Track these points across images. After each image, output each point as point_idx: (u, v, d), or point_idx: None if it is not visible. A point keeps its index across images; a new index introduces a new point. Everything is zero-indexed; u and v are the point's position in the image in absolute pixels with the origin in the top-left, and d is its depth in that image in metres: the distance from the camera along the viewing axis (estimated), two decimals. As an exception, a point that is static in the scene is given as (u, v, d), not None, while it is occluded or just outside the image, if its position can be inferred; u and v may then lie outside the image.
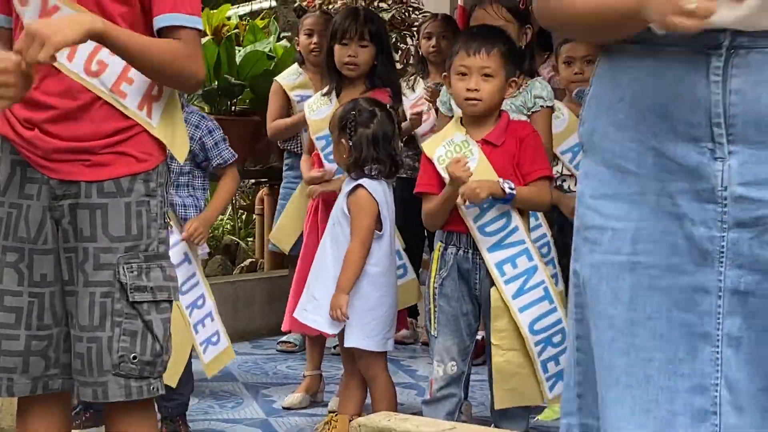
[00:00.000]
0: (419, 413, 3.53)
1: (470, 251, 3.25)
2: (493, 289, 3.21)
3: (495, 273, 3.21)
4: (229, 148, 3.88)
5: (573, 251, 1.64)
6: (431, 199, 3.31)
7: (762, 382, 1.46)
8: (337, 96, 4.08)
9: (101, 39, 2.22)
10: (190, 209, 3.84)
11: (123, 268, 2.36)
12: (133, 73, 2.36)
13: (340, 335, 3.64)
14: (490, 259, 3.20)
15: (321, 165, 4.09)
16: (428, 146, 3.36)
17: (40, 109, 2.34)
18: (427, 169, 3.34)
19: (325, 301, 3.59)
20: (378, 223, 3.62)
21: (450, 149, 3.26)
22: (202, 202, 3.94)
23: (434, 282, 3.31)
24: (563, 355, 3.19)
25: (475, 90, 3.22)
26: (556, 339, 3.21)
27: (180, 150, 2.48)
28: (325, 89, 4.15)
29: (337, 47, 4.02)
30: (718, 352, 1.47)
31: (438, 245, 3.33)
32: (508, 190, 3.13)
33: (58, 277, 2.41)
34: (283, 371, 4.72)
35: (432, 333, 3.35)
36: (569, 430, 1.62)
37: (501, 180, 3.15)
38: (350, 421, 3.06)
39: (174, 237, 3.54)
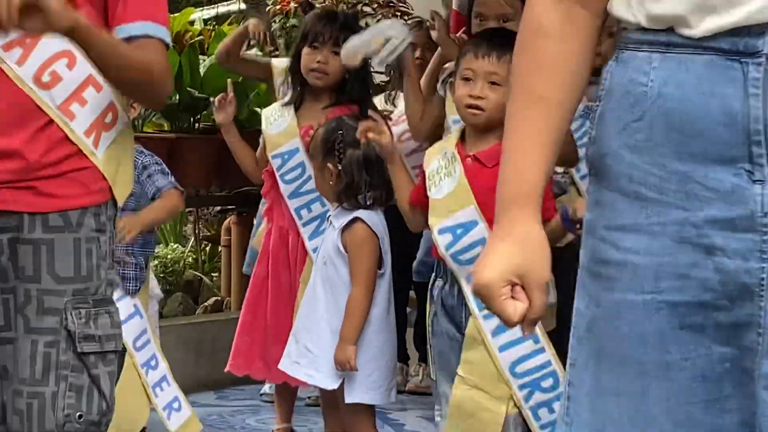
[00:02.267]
0: None
1: (455, 286, 3.25)
2: (471, 318, 3.21)
3: (473, 306, 3.19)
4: (169, 178, 3.95)
5: (579, 286, 1.62)
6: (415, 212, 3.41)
7: None
8: (297, 108, 4.10)
9: (80, 37, 2.19)
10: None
11: (71, 314, 2.34)
12: (88, 94, 2.37)
13: (333, 390, 3.65)
14: (468, 290, 3.16)
15: (275, 183, 4.13)
16: (428, 155, 3.40)
17: None
18: (421, 182, 3.40)
19: (320, 353, 3.62)
20: (379, 260, 3.67)
21: (443, 163, 3.31)
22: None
23: (429, 320, 3.37)
24: (558, 402, 3.16)
25: (479, 98, 3.20)
26: (546, 383, 3.20)
27: (120, 190, 2.46)
28: (286, 99, 4.15)
29: (305, 51, 4.02)
30: (758, 396, 1.46)
31: (431, 279, 3.36)
32: None
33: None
34: (252, 425, 4.72)
35: (432, 377, 3.39)
36: None
37: None
38: None
39: (120, 290, 3.60)
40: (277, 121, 4.15)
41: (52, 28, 2.12)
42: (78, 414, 2.34)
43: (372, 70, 4.39)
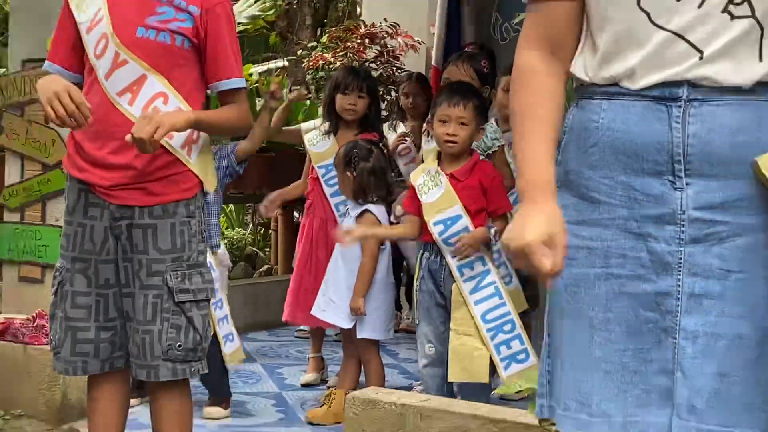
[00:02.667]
0: (401, 388, 3.54)
1: (438, 257, 3.22)
2: (454, 286, 3.19)
3: (456, 274, 3.19)
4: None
5: None
6: (410, 219, 3.31)
7: (715, 368, 1.41)
8: (335, 135, 3.97)
9: (196, 125, 2.35)
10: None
11: (170, 275, 2.36)
12: None
13: (349, 329, 3.63)
14: (453, 263, 3.19)
15: (317, 186, 3.99)
16: (413, 175, 3.34)
17: (107, 149, 2.36)
18: (410, 193, 3.32)
19: (341, 303, 3.59)
20: (381, 242, 3.61)
21: (427, 179, 3.26)
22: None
23: (416, 281, 3.31)
24: (515, 341, 3.17)
25: (454, 135, 3.21)
26: (507, 327, 3.18)
27: (210, 182, 2.47)
28: (326, 128, 4.03)
29: (338, 96, 3.93)
30: (676, 345, 1.43)
31: (420, 252, 3.32)
32: (493, 235, 3.20)
33: (118, 281, 2.41)
34: (294, 354, 4.70)
35: (416, 321, 3.33)
36: (541, 409, 1.55)
37: (490, 228, 3.21)
38: (346, 394, 3.04)
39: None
40: (320, 142, 4.00)
41: (171, 128, 2.26)
42: (178, 344, 2.36)
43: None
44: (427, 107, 4.43)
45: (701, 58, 1.41)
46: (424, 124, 4.08)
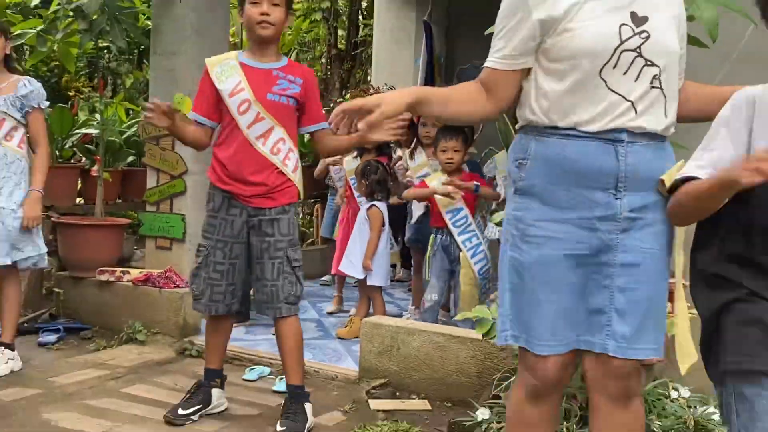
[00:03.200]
0: (395, 316, 3.46)
1: (449, 236, 3.23)
2: (461, 253, 3.19)
3: (462, 245, 3.19)
4: None
5: (512, 246, 1.48)
6: (421, 190, 3.32)
7: (640, 309, 1.42)
8: (360, 158, 3.95)
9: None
10: None
11: (289, 250, 2.35)
12: (291, 155, 2.36)
13: (362, 279, 3.63)
14: (459, 239, 3.21)
15: (350, 190, 3.91)
16: (429, 180, 3.34)
17: (247, 171, 2.35)
18: (422, 185, 3.33)
19: (356, 262, 3.62)
20: (382, 224, 3.63)
21: (437, 183, 3.26)
22: None
23: (429, 253, 3.29)
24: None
25: (451, 159, 3.26)
26: (487, 276, 3.21)
27: (303, 194, 2.44)
28: (355, 153, 3.96)
29: None
30: (612, 295, 1.43)
31: (432, 236, 3.30)
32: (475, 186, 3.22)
33: (245, 256, 2.39)
34: (327, 294, 4.56)
35: (427, 278, 3.31)
36: (505, 337, 1.49)
37: (474, 183, 3.22)
38: (361, 320, 3.03)
39: None
40: (352, 163, 3.96)
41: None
42: (291, 293, 2.36)
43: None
44: (412, 140, 4.38)
45: (636, 113, 1.40)
46: (407, 151, 4.08)
